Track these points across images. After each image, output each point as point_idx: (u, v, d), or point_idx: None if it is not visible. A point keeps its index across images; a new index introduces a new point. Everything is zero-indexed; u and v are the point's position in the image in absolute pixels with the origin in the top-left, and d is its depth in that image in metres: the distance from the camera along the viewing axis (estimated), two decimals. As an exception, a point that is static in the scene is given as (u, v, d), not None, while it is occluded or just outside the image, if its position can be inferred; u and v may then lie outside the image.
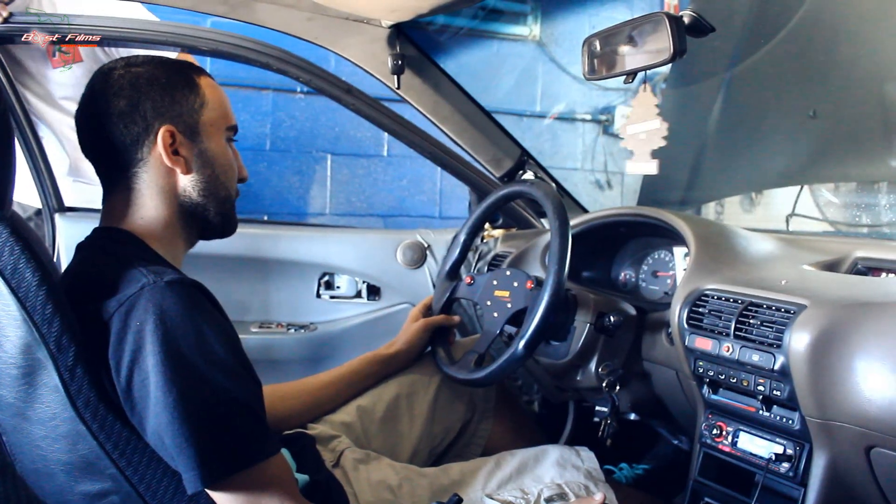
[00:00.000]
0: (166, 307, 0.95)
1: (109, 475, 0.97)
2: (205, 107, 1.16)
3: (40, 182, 1.99)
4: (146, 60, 1.15)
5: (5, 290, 0.93)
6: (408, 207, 3.96)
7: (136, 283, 0.98)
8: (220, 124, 1.17)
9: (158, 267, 1.04)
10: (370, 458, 1.38)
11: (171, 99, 1.13)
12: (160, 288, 0.97)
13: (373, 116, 1.93)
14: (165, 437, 0.94)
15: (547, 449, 1.47)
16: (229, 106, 1.21)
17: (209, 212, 1.17)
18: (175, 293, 0.97)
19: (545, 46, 4.33)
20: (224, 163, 1.18)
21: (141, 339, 0.94)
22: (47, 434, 0.96)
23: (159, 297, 0.96)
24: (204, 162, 1.16)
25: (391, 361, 1.57)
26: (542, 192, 1.46)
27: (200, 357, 0.96)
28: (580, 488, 1.37)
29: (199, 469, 0.93)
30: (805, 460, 1.16)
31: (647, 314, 1.52)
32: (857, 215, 2.32)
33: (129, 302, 0.96)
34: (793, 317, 1.12)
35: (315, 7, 1.81)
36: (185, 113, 1.14)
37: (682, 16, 1.15)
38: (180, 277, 1.00)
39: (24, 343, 0.94)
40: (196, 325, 0.97)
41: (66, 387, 0.94)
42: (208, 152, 1.16)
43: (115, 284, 1.00)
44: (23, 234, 0.96)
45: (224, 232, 1.22)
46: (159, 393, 0.93)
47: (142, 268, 1.01)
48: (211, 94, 1.17)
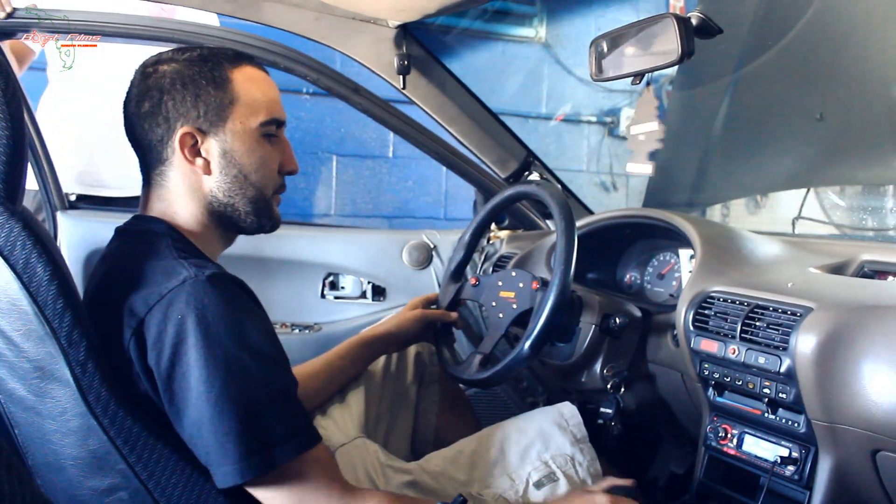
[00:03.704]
0: (208, 301, 0.97)
1: (119, 470, 0.98)
2: (235, 103, 1.12)
3: (42, 179, 1.99)
4: (178, 56, 1.13)
5: (17, 284, 0.93)
6: (413, 208, 3.96)
7: (178, 276, 1.00)
8: (252, 121, 1.13)
9: (198, 260, 1.05)
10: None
11: (195, 98, 1.11)
12: (202, 282, 0.98)
13: (380, 116, 1.93)
14: (205, 430, 0.95)
15: (528, 416, 1.46)
16: (273, 98, 1.16)
17: (238, 212, 1.16)
18: (216, 287, 0.99)
19: (551, 48, 4.33)
20: (253, 161, 1.14)
21: (183, 332, 0.96)
22: (58, 428, 0.97)
23: (201, 292, 0.98)
24: (229, 162, 1.13)
25: (377, 342, 1.54)
26: (548, 194, 1.46)
27: (243, 349, 0.98)
28: (566, 461, 1.37)
29: (239, 463, 0.95)
30: (810, 463, 1.15)
31: (652, 316, 1.52)
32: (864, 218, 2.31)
33: (172, 295, 0.98)
34: (799, 319, 1.12)
35: (322, 7, 1.82)
36: (211, 111, 1.11)
37: (689, 17, 1.15)
38: (221, 272, 1.03)
39: (35, 337, 0.95)
40: (237, 318, 0.99)
41: (78, 381, 0.95)
42: (234, 152, 1.13)
43: (155, 276, 1.02)
44: (34, 229, 0.96)
45: (261, 229, 1.20)
46: (202, 387, 0.95)
47: (182, 260, 1.03)
48: (245, 88, 1.13)
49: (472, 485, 1.33)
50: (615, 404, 1.50)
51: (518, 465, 1.36)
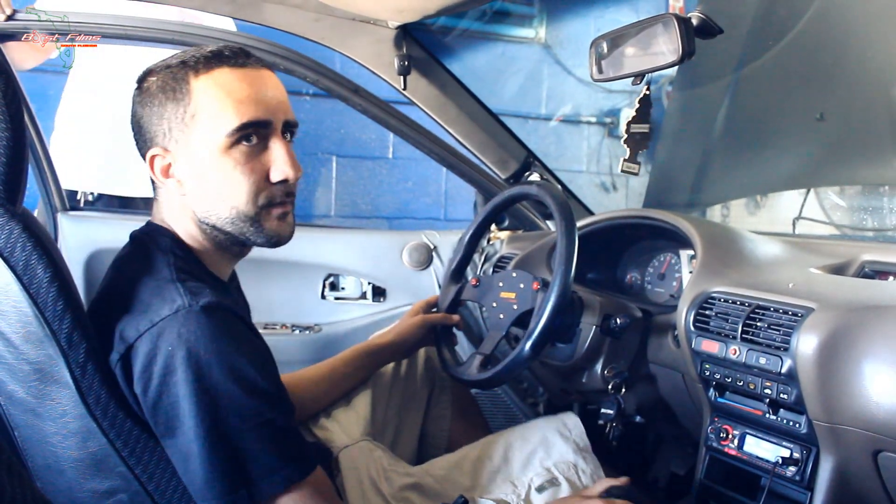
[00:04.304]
0: (200, 334, 0.94)
1: (119, 473, 0.97)
2: (196, 116, 1.03)
3: (43, 182, 1.99)
4: (160, 67, 1.08)
5: (17, 286, 0.93)
6: (413, 209, 3.96)
7: (171, 303, 0.97)
8: (218, 132, 1.02)
9: (195, 284, 1.01)
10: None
11: (160, 117, 1.05)
12: (194, 313, 0.95)
13: (380, 117, 1.93)
14: (193, 463, 0.95)
15: (531, 425, 1.47)
16: (246, 98, 1.04)
17: (225, 231, 1.08)
18: (209, 318, 0.96)
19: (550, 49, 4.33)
20: (222, 178, 1.04)
21: (172, 363, 0.94)
22: (58, 431, 0.97)
23: (193, 323, 0.95)
24: (199, 181, 1.06)
25: (381, 352, 1.55)
26: (549, 194, 1.46)
27: (234, 383, 0.95)
28: (569, 468, 1.38)
29: (225, 497, 0.95)
30: (812, 464, 1.15)
31: (653, 316, 1.52)
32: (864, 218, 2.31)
33: (163, 324, 0.95)
34: (800, 320, 1.11)
35: (322, 8, 1.81)
36: (175, 128, 1.04)
37: (690, 17, 1.15)
38: (216, 301, 0.98)
39: (35, 338, 0.95)
40: (229, 351, 0.96)
41: (78, 383, 0.95)
42: (202, 170, 1.05)
43: (150, 299, 0.99)
44: (35, 231, 0.96)
45: (264, 244, 1.11)
46: (190, 422, 0.94)
47: (180, 284, 1.00)
48: (208, 97, 1.03)
49: (474, 489, 1.33)
50: (616, 405, 1.50)
51: (521, 471, 1.36)
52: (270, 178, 1.07)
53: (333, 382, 1.50)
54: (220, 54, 1.05)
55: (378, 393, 1.53)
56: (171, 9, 1.86)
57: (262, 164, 1.06)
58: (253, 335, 1.06)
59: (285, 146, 1.07)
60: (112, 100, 2.25)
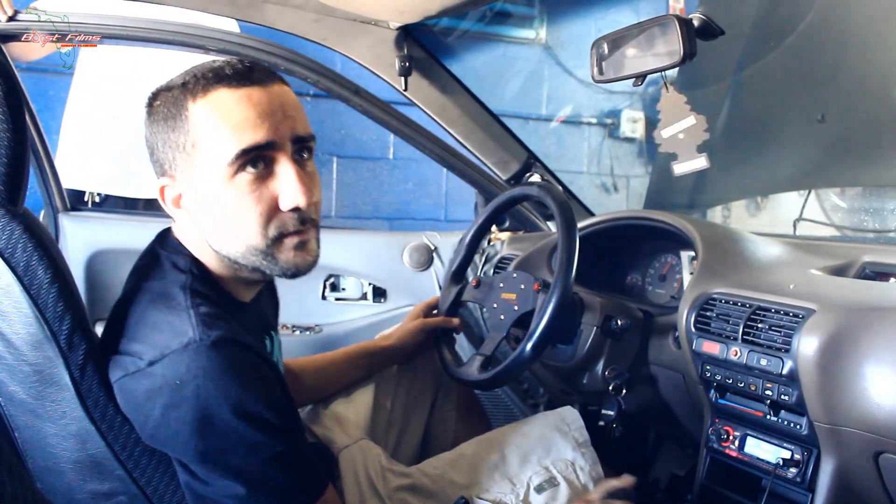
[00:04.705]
0: (209, 369, 0.91)
1: (118, 476, 0.97)
2: (196, 145, 0.96)
3: (44, 182, 1.99)
4: (162, 91, 1.01)
5: (17, 287, 0.93)
6: (413, 210, 3.96)
7: (182, 335, 0.92)
8: (219, 160, 0.95)
9: (210, 311, 0.96)
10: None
11: (165, 142, 0.99)
12: (205, 348, 0.91)
13: (381, 118, 1.93)
14: (199, 492, 0.95)
15: (530, 421, 1.46)
16: (245, 120, 0.95)
17: (238, 263, 1.02)
18: (219, 354, 0.91)
19: (551, 50, 4.33)
20: (224, 209, 0.97)
21: (177, 398, 0.91)
22: (57, 432, 0.97)
23: (203, 359, 0.90)
24: (206, 212, 0.99)
25: (382, 355, 1.54)
26: (550, 195, 1.46)
27: (242, 420, 0.92)
28: (567, 466, 1.37)
29: None
30: (813, 466, 1.15)
31: (653, 318, 1.51)
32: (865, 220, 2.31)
33: (172, 356, 0.91)
34: (801, 321, 1.11)
35: (322, 8, 1.81)
36: (178, 157, 0.98)
37: (691, 18, 1.14)
38: (228, 336, 0.93)
39: (35, 340, 0.95)
40: (239, 388, 0.92)
41: (77, 385, 0.95)
42: (207, 201, 0.98)
43: (161, 324, 0.95)
44: (36, 232, 0.96)
45: (281, 277, 1.04)
46: (193, 457, 0.94)
47: (192, 312, 0.95)
48: (206, 124, 0.95)
49: (472, 488, 1.33)
50: (617, 406, 1.50)
51: (519, 469, 1.36)
52: (280, 206, 0.98)
53: (329, 376, 1.49)
54: (220, 74, 0.97)
55: (382, 392, 1.53)
56: (171, 9, 1.86)
57: (271, 190, 0.97)
58: (265, 365, 0.99)
59: (294, 168, 0.98)
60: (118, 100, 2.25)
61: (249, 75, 0.97)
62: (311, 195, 0.99)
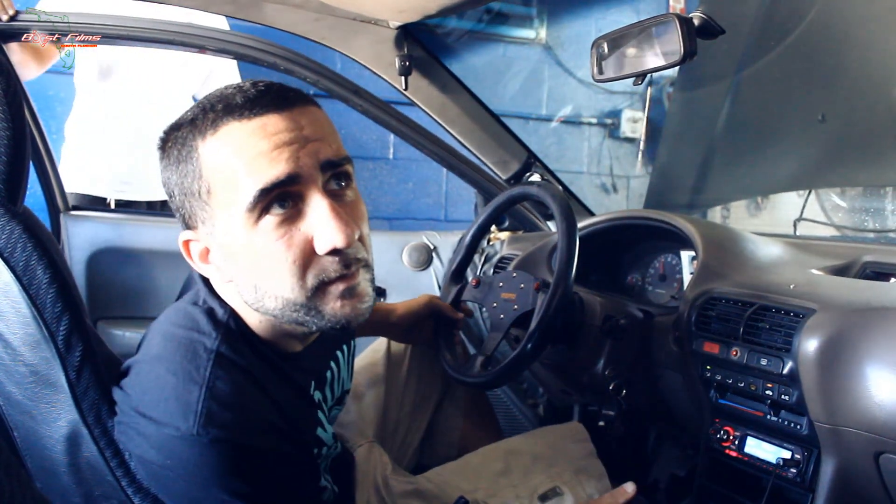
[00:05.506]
0: (201, 464, 0.82)
1: (108, 482, 0.96)
2: (211, 191, 0.84)
3: (45, 182, 1.99)
4: (172, 130, 0.89)
5: (16, 286, 0.93)
6: (413, 210, 3.96)
7: (184, 420, 0.82)
8: (237, 206, 0.82)
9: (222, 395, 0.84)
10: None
11: (181, 189, 0.87)
12: (202, 444, 0.81)
13: (380, 118, 1.93)
14: None
15: (536, 433, 1.46)
16: (254, 159, 0.81)
17: (277, 320, 0.89)
18: (214, 453, 0.82)
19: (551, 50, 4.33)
20: (252, 261, 0.84)
21: (166, 476, 0.85)
22: (52, 434, 0.96)
23: (197, 454, 0.82)
24: (235, 267, 0.87)
25: (386, 317, 1.50)
26: (550, 195, 1.46)
27: (238, 499, 0.84)
28: (573, 477, 1.37)
29: None
30: (813, 466, 1.15)
31: (653, 317, 1.51)
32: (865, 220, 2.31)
33: (168, 438, 0.83)
34: (802, 321, 1.11)
35: (322, 7, 1.81)
36: (195, 206, 0.86)
37: (692, 18, 1.14)
38: (227, 436, 0.83)
39: (32, 340, 0.94)
40: (225, 487, 0.83)
41: (73, 387, 0.94)
42: (231, 251, 0.86)
43: (170, 393, 0.85)
44: (35, 231, 0.96)
45: (330, 331, 0.89)
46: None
47: (204, 393, 0.83)
48: (216, 165, 0.83)
49: (476, 493, 1.33)
50: (617, 406, 1.49)
51: (523, 478, 1.36)
52: (316, 250, 0.84)
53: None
54: (230, 104, 0.84)
55: (391, 392, 1.52)
56: (171, 9, 1.85)
57: (303, 233, 0.84)
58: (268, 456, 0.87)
59: (327, 202, 0.83)
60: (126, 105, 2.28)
61: (262, 101, 0.84)
62: (352, 231, 0.84)
